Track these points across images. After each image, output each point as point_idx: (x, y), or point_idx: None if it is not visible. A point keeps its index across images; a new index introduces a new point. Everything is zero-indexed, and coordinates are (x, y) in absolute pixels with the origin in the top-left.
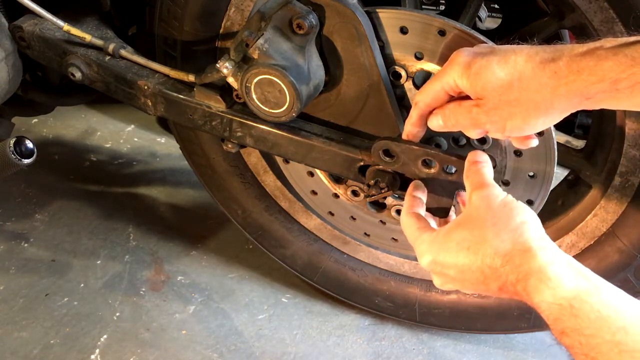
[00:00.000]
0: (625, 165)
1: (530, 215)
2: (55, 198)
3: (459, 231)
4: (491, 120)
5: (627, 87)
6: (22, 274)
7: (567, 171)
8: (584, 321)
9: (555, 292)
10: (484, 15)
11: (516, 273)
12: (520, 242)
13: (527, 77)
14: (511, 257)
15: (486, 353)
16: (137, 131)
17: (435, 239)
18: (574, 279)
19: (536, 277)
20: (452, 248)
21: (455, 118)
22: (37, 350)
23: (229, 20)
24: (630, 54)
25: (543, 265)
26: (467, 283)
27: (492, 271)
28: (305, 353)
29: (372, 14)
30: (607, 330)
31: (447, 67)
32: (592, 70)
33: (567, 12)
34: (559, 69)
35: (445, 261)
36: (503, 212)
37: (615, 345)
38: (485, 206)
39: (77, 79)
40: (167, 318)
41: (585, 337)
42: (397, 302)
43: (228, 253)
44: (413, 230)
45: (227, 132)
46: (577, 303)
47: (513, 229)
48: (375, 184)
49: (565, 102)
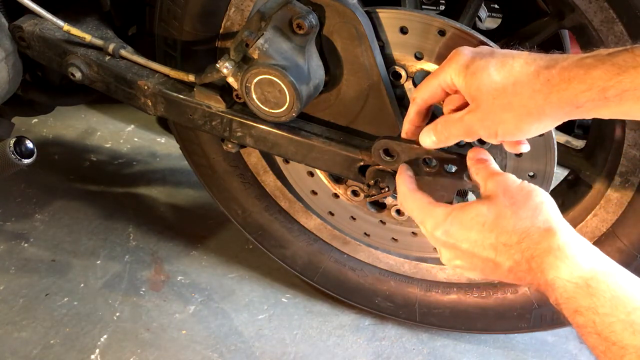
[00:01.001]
0: (625, 165)
1: (547, 197)
2: (55, 198)
3: (476, 207)
4: (484, 126)
5: (615, 95)
6: (22, 274)
7: (567, 171)
8: (599, 300)
9: (572, 270)
10: (484, 15)
11: (533, 249)
12: (541, 220)
13: (522, 82)
14: (529, 234)
15: (486, 353)
16: (137, 131)
17: (450, 212)
18: (592, 259)
19: (554, 255)
20: (466, 221)
21: (447, 131)
22: (37, 350)
23: (229, 20)
24: (617, 62)
25: (562, 244)
26: (476, 260)
27: (506, 249)
28: (305, 353)
29: (372, 14)
30: (622, 309)
31: (445, 65)
32: (581, 79)
33: (567, 12)
34: (552, 77)
35: (458, 234)
36: (521, 193)
37: (630, 324)
38: (503, 189)
39: (77, 79)
40: (167, 318)
41: (600, 316)
42: (397, 302)
43: (228, 253)
44: (423, 204)
45: (227, 132)
46: (593, 282)
47: (532, 208)
48: (375, 184)
49: (556, 110)
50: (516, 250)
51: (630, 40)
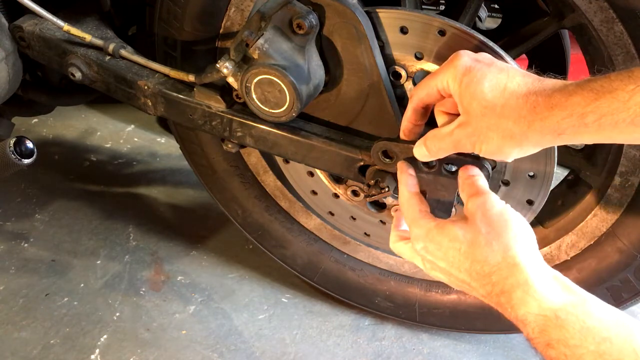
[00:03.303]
0: (625, 165)
1: (524, 229)
2: (55, 198)
3: (453, 229)
4: (471, 141)
5: (594, 121)
6: (22, 274)
7: (567, 171)
8: (569, 332)
9: (541, 303)
10: (484, 15)
11: (502, 284)
12: (510, 256)
13: (510, 106)
14: (499, 268)
15: (486, 353)
16: (137, 131)
17: (431, 228)
18: (560, 292)
19: (522, 290)
20: (444, 243)
21: (437, 145)
22: (37, 350)
23: (229, 20)
24: (594, 87)
25: (530, 279)
26: (453, 278)
27: (479, 277)
28: (305, 353)
29: (372, 14)
30: (592, 340)
31: (444, 68)
32: (562, 106)
33: (567, 12)
34: (538, 104)
35: (436, 253)
36: (498, 222)
37: (600, 355)
38: (481, 213)
39: (77, 79)
40: (167, 318)
41: (570, 348)
42: (397, 302)
43: (228, 253)
44: (415, 211)
45: (227, 132)
46: (563, 314)
47: (505, 242)
48: (376, 184)
49: (539, 137)
50: (487, 282)
51: (630, 40)
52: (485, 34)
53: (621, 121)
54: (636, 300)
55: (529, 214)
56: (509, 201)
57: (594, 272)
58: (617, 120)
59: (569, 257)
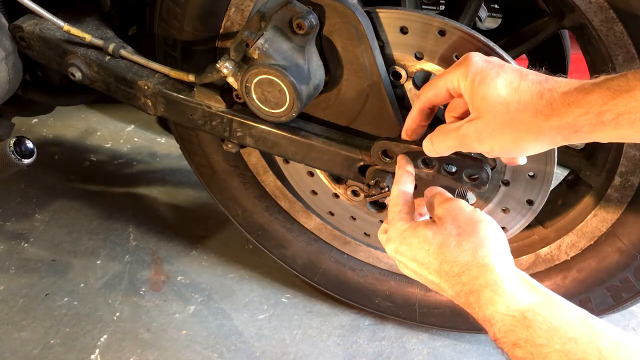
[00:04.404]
0: (625, 165)
1: (494, 231)
2: (55, 198)
3: (423, 231)
4: (479, 138)
5: (611, 119)
6: (22, 274)
7: (567, 171)
8: (536, 332)
9: (509, 304)
10: (484, 15)
11: (472, 284)
12: (481, 255)
13: (525, 101)
14: (469, 268)
15: (486, 353)
16: (137, 131)
17: (404, 230)
18: (528, 293)
19: (491, 289)
20: (414, 244)
21: (443, 142)
22: (37, 350)
23: (229, 20)
24: (612, 86)
25: (499, 278)
26: (423, 279)
27: (448, 277)
28: (305, 353)
29: (372, 14)
30: (558, 340)
31: (454, 67)
32: (579, 103)
33: (567, 12)
34: (554, 100)
35: (407, 254)
36: (468, 224)
37: (565, 354)
38: (452, 216)
39: (77, 79)
40: (167, 318)
41: (537, 347)
42: (397, 302)
43: (228, 253)
44: (395, 211)
45: (227, 132)
46: (530, 315)
47: (475, 242)
48: (376, 184)
49: (555, 133)
50: (456, 282)
51: (630, 40)
52: (485, 34)
53: (639, 120)
54: (636, 300)
55: (529, 214)
56: (509, 201)
57: (594, 272)
58: (635, 119)
59: (569, 257)
